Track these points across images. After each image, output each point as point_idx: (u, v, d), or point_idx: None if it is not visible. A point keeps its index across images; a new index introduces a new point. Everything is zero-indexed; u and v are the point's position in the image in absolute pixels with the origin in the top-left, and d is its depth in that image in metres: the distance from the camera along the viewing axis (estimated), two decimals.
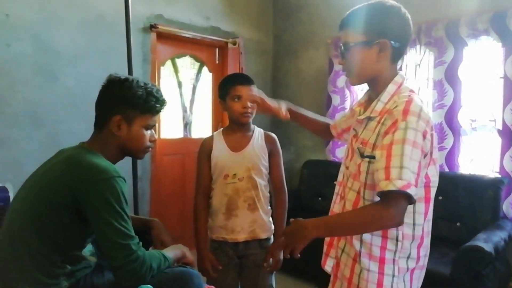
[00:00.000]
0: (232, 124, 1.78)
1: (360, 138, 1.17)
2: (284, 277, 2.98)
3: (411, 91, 1.15)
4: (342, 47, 1.18)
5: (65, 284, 1.16)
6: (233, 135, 1.77)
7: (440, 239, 2.43)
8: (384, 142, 1.05)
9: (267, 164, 1.77)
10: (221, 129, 1.84)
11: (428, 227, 1.17)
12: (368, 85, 1.22)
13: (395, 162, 0.99)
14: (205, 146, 1.78)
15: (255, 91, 1.68)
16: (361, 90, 3.37)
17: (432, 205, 1.15)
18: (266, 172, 1.78)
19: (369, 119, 1.17)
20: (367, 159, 1.12)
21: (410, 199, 1.00)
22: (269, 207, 1.81)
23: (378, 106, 1.15)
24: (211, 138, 1.79)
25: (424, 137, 1.04)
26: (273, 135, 1.83)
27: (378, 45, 1.12)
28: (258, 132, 1.80)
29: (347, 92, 3.43)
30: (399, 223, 1.02)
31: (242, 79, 1.73)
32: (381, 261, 1.12)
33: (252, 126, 1.80)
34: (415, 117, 1.03)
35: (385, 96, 1.14)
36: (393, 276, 1.12)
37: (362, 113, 1.21)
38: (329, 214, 1.31)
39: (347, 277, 1.20)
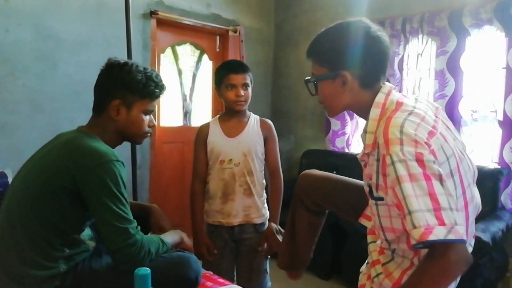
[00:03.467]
0: (227, 110, 1.81)
1: (367, 174, 1.05)
2: None
3: (398, 102, 1.00)
4: (310, 79, 1.09)
5: (64, 267, 1.17)
6: (228, 122, 1.80)
7: None
8: (389, 182, 0.90)
9: (262, 150, 1.80)
10: (218, 116, 1.86)
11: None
12: (353, 113, 1.12)
13: (405, 209, 0.84)
14: (201, 132, 1.81)
15: (248, 79, 1.72)
16: None
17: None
18: (262, 158, 1.80)
19: (368, 155, 1.04)
20: (374, 201, 1.02)
21: (455, 241, 0.81)
22: (265, 194, 1.84)
23: (368, 138, 1.01)
24: (207, 125, 1.82)
25: (421, 161, 0.85)
26: (269, 121, 1.86)
27: (340, 77, 1.02)
28: (254, 119, 1.82)
29: None
30: (468, 260, 0.86)
31: (236, 67, 1.75)
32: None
33: (248, 112, 1.83)
34: (397, 146, 0.87)
35: (371, 125, 1.01)
36: None
37: (364, 140, 1.06)
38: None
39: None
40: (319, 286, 2.74)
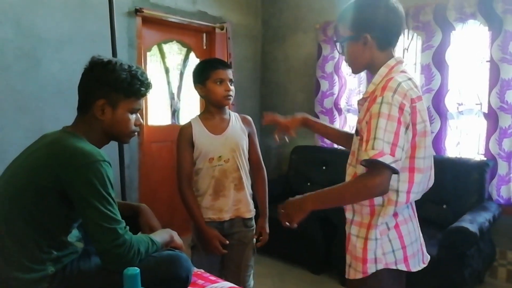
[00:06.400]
0: (210, 108, 1.81)
1: (359, 118, 1.27)
2: (277, 262, 3.01)
3: (402, 71, 1.22)
4: (339, 40, 1.31)
5: (52, 269, 1.15)
6: (212, 119, 1.80)
7: (428, 222, 2.45)
8: (366, 117, 1.15)
9: (247, 144, 1.83)
10: (197, 115, 1.86)
11: (414, 197, 1.23)
12: (368, 72, 1.32)
13: (371, 135, 1.09)
14: (185, 132, 1.78)
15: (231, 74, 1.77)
16: (348, 75, 3.37)
17: (420, 176, 1.19)
18: (247, 152, 1.84)
19: (365, 100, 1.26)
20: (358, 137, 1.22)
21: (392, 169, 1.07)
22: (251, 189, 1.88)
23: (370, 87, 1.25)
24: (189, 125, 1.80)
25: (402, 109, 1.10)
26: (248, 116, 1.91)
27: (362, 38, 1.22)
28: (233, 115, 1.85)
29: (335, 77, 3.42)
30: (384, 191, 1.11)
31: (223, 63, 1.80)
32: (369, 227, 1.21)
33: (227, 109, 1.84)
34: (390, 92, 1.12)
35: (376, 78, 1.24)
36: (376, 239, 1.20)
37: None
38: None
39: (348, 248, 1.29)
40: (311, 280, 2.76)
